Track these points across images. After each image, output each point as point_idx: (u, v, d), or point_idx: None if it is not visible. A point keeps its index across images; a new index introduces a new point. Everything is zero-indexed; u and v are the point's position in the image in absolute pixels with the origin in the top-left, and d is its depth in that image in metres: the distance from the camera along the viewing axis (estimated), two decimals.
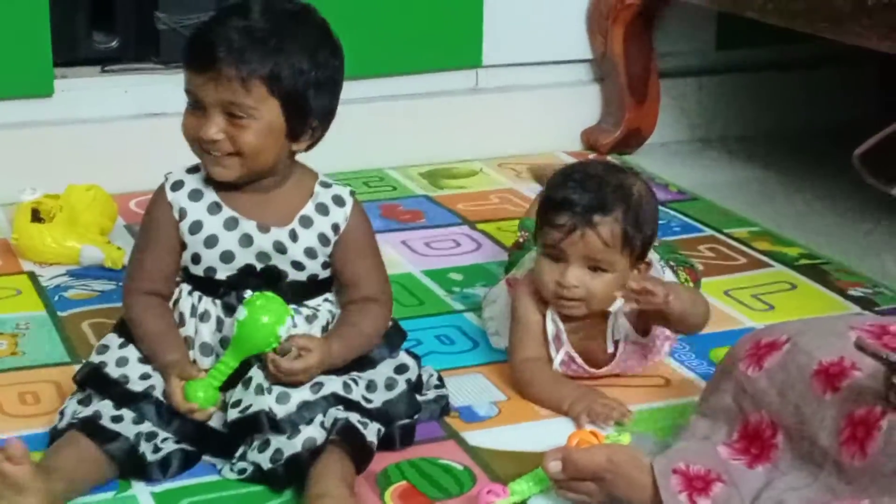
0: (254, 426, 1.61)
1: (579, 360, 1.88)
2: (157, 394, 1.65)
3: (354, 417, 1.63)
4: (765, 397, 1.56)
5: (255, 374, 1.65)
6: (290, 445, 1.59)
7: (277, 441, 1.60)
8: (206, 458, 1.67)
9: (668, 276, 2.04)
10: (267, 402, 1.61)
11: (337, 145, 1.80)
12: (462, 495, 1.62)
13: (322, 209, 1.72)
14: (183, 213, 1.71)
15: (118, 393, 1.66)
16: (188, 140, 1.68)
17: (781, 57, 3.27)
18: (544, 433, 1.75)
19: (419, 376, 1.79)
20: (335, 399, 1.64)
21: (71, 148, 2.68)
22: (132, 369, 1.68)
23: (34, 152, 2.65)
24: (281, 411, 1.61)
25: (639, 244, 1.83)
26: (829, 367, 1.51)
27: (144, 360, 1.70)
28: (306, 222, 1.71)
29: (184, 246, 1.71)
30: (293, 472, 1.59)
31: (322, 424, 1.61)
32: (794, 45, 3.10)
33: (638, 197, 1.83)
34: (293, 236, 1.70)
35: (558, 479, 1.56)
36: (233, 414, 1.64)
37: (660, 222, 2.55)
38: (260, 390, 1.63)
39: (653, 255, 2.02)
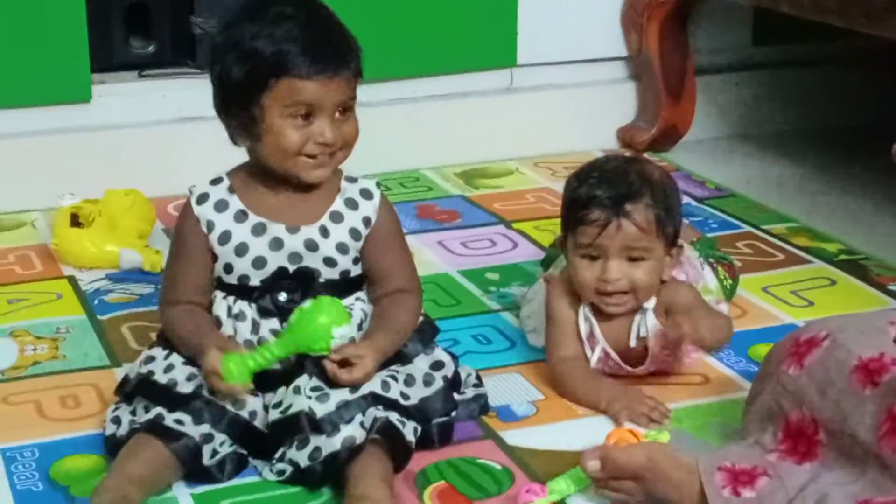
0: (294, 427, 1.61)
1: (615, 356, 1.87)
2: (206, 393, 1.65)
3: (394, 416, 1.64)
4: (805, 394, 1.55)
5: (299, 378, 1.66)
6: (330, 444, 1.59)
7: (317, 440, 1.60)
8: (249, 459, 1.67)
9: (707, 272, 2.03)
10: (307, 402, 1.62)
11: (372, 146, 1.80)
12: (501, 495, 1.62)
13: (351, 204, 1.73)
14: (211, 226, 1.71)
15: (170, 398, 1.65)
16: (289, 153, 1.65)
17: (818, 53, 3.24)
18: (582, 432, 1.74)
19: (456, 374, 1.79)
20: (374, 398, 1.64)
21: (109, 153, 2.69)
22: (178, 372, 1.68)
23: (73, 158, 2.67)
24: (321, 411, 1.61)
25: (671, 227, 1.83)
26: (869, 363, 1.49)
27: (189, 362, 1.69)
28: (337, 218, 1.72)
29: (215, 257, 1.71)
30: (330, 471, 1.59)
31: (362, 424, 1.61)
32: (831, 41, 3.08)
33: (661, 181, 1.84)
34: (324, 232, 1.70)
35: (597, 477, 1.56)
36: (274, 415, 1.64)
37: (697, 219, 2.56)
38: (298, 391, 1.63)
39: (691, 252, 2.01)
